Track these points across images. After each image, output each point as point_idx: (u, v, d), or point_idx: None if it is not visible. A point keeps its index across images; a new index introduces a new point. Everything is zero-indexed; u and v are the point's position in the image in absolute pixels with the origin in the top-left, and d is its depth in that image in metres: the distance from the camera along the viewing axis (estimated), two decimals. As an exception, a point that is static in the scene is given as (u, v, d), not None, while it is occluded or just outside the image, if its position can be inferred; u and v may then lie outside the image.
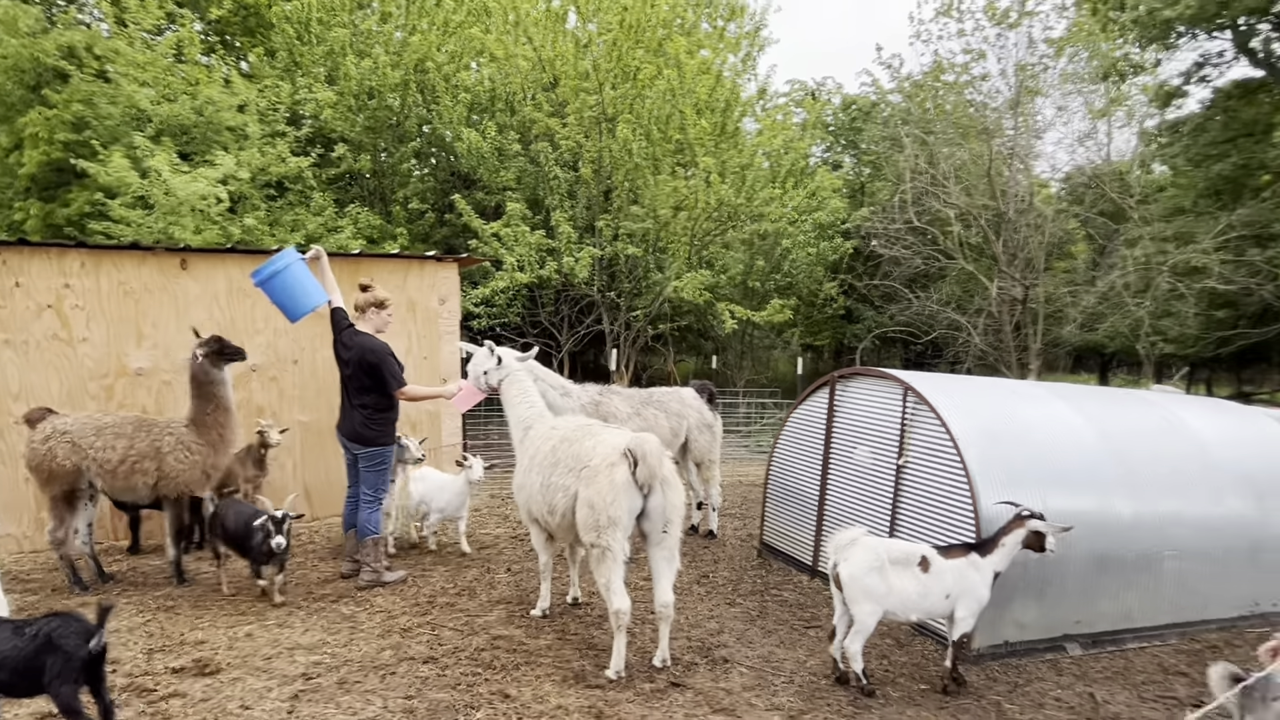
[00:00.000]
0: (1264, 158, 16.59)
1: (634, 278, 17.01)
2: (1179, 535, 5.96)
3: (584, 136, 16.17)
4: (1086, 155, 25.31)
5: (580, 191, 17.09)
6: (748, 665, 5.02)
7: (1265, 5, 16.37)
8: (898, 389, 5.92)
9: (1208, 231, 16.66)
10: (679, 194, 15.29)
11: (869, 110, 27.59)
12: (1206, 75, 18.68)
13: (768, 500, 7.47)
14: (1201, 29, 17.23)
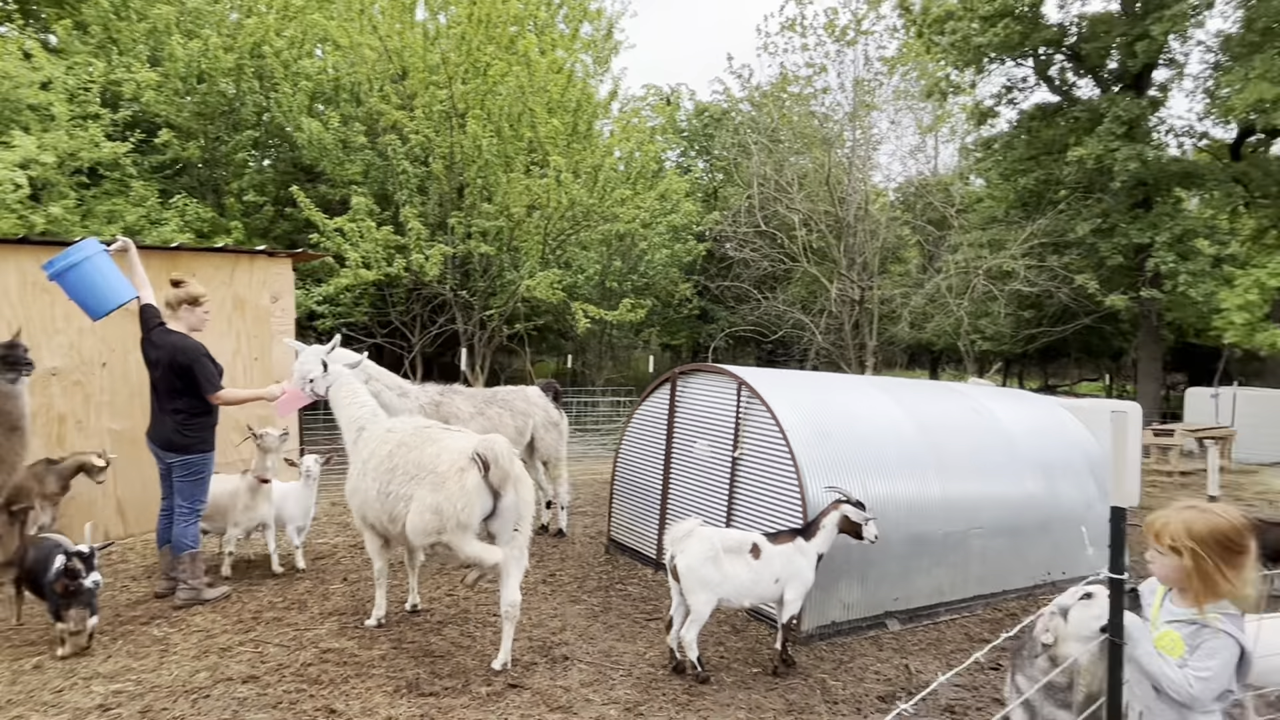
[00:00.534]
0: (1060, 174, 18.52)
1: (488, 276, 16.73)
2: (984, 515, 6.53)
3: (434, 131, 15.73)
4: (917, 167, 27.47)
5: (432, 188, 16.61)
6: (588, 661, 5.04)
7: (1059, 38, 18.31)
8: (733, 384, 6.14)
9: (1016, 239, 18.42)
10: (532, 193, 15.17)
11: (720, 117, 28.55)
12: (1014, 98, 20.67)
13: (614, 496, 7.55)
14: (1008, 56, 19.03)
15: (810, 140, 22.85)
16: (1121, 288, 17.93)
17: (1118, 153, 16.23)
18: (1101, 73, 19.10)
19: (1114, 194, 17.61)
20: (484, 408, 7.51)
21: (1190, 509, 2.59)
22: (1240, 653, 2.44)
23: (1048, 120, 19.77)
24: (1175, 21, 15.92)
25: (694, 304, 26.63)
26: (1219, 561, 2.44)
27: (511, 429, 7.61)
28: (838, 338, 21.29)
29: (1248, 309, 14.59)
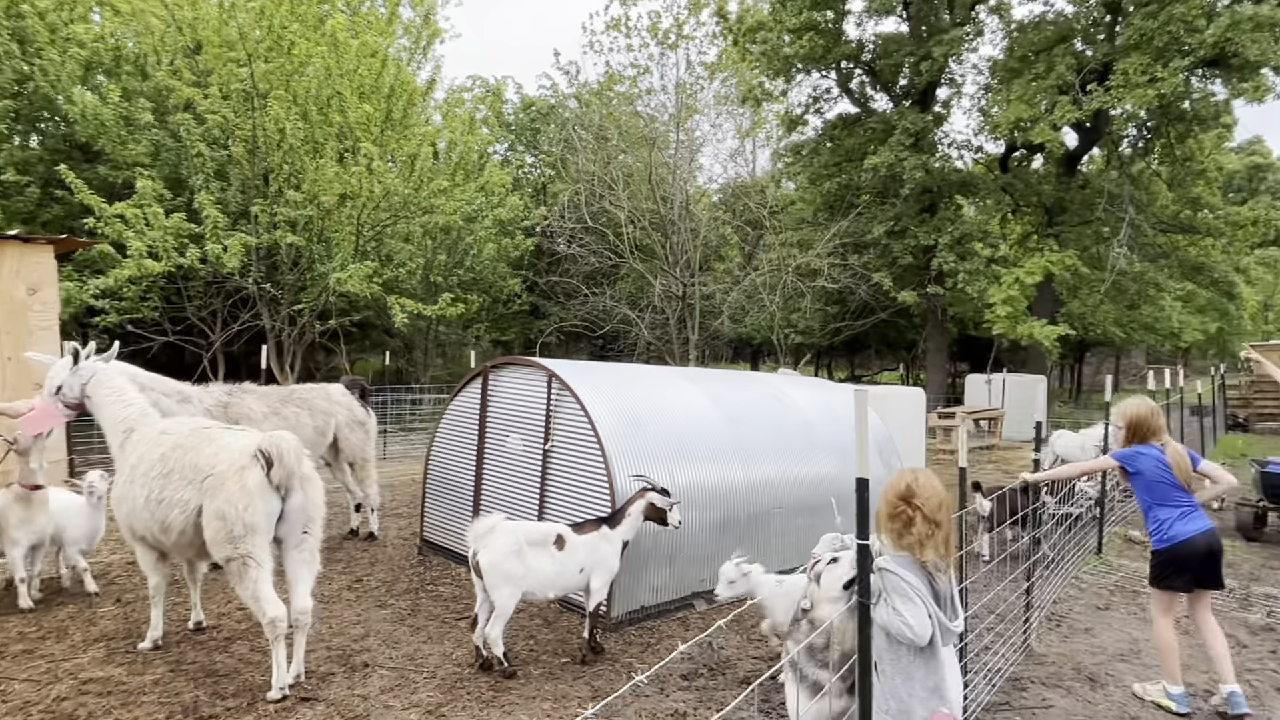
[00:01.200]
0: (859, 180, 20.09)
1: (297, 269, 15.70)
2: (784, 495, 6.95)
3: (233, 112, 14.54)
4: (736, 170, 28.78)
5: (233, 173, 15.35)
6: (390, 666, 4.86)
7: (857, 54, 19.83)
8: (544, 377, 6.14)
9: (822, 240, 19.77)
10: (343, 181, 14.39)
11: (547, 112, 28.48)
12: (820, 108, 22.16)
13: (426, 495, 7.33)
14: (814, 68, 20.37)
15: (636, 139, 23.31)
16: (912, 285, 19.73)
17: (906, 162, 17.83)
18: (894, 88, 20.90)
19: (904, 199, 19.33)
20: (279, 407, 7.04)
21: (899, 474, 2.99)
22: (929, 590, 2.80)
23: (849, 129, 21.36)
24: (952, 45, 17.70)
25: (524, 299, 26.41)
26: (882, 516, 2.92)
27: (311, 429, 7.20)
28: (663, 332, 21.91)
29: (1011, 303, 16.54)
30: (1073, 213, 19.38)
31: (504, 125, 29.31)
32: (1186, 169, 19.42)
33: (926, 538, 2.85)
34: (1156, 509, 4.56)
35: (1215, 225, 19.52)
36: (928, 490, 2.94)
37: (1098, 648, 5.58)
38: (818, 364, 33.42)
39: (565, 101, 27.97)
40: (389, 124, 15.71)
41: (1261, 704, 4.65)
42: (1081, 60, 17.04)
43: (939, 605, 2.86)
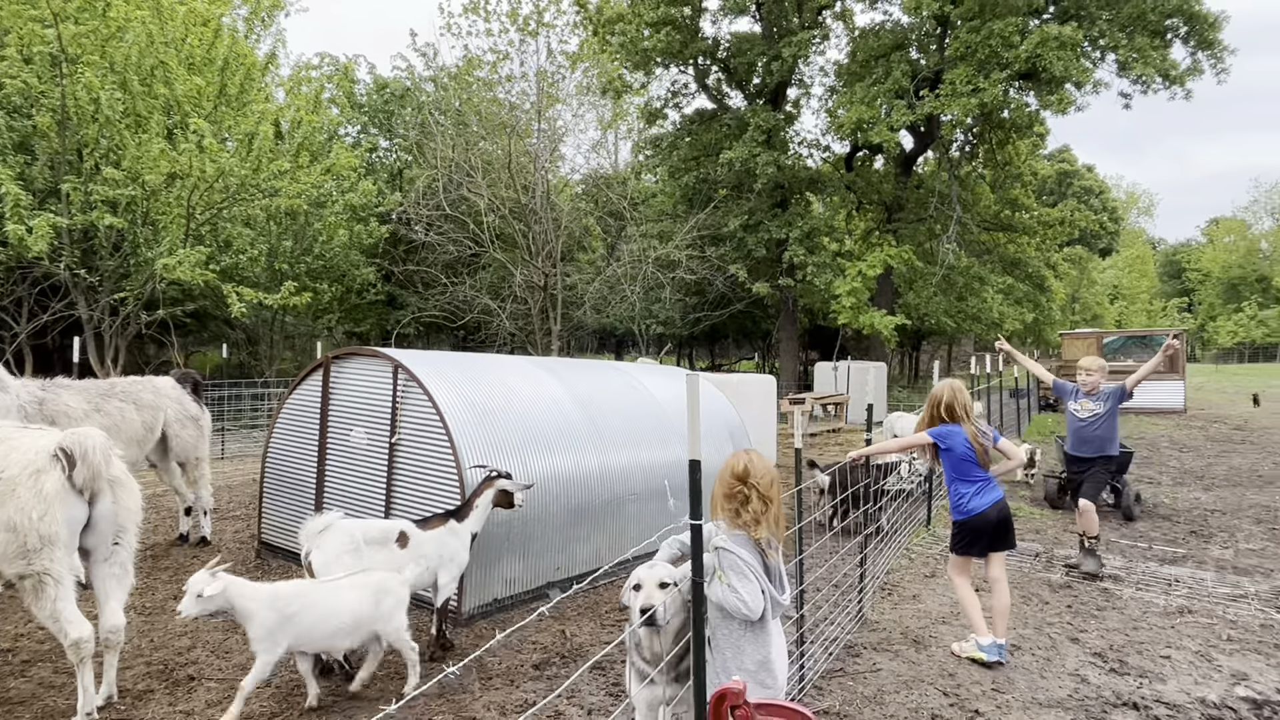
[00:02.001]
0: (715, 174, 20.68)
1: (119, 254, 14.34)
2: (638, 481, 7.05)
3: (37, 78, 13.05)
4: (599, 161, 28.84)
5: (39, 146, 13.80)
6: (219, 679, 4.55)
7: (713, 50, 20.35)
8: (389, 367, 5.92)
9: (681, 232, 20.21)
10: (170, 159, 13.25)
11: (403, 95, 27.41)
12: (679, 102, 22.60)
13: (265, 495, 6.91)
14: (672, 62, 20.73)
15: (496, 126, 22.88)
16: (765, 277, 20.54)
17: (759, 158, 18.51)
18: (748, 86, 21.62)
19: (758, 194, 20.07)
20: (101, 403, 6.42)
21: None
22: (761, 566, 2.92)
23: (706, 125, 21.92)
24: (800, 47, 18.52)
25: (379, 289, 25.36)
26: (719, 497, 3.08)
27: (138, 425, 6.64)
28: (526, 323, 21.70)
29: (854, 295, 17.57)
30: (909, 210, 20.80)
31: (356, 106, 27.95)
32: (1006, 173, 21.31)
33: (761, 514, 2.98)
34: (957, 483, 5.00)
35: (1030, 225, 21.54)
36: (761, 470, 3.07)
37: (923, 613, 6.03)
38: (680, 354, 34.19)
39: (422, 85, 27.00)
40: (224, 99, 14.59)
41: (1056, 650, 5.19)
42: (916, 68, 18.29)
43: (770, 580, 3.00)
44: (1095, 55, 17.52)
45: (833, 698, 4.41)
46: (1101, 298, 51.92)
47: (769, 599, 2.98)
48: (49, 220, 12.32)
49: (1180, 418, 19.55)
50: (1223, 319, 63.15)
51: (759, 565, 2.99)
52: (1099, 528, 6.62)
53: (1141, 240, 74.48)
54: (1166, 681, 4.68)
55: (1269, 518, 9.00)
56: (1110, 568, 7.04)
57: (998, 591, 5.08)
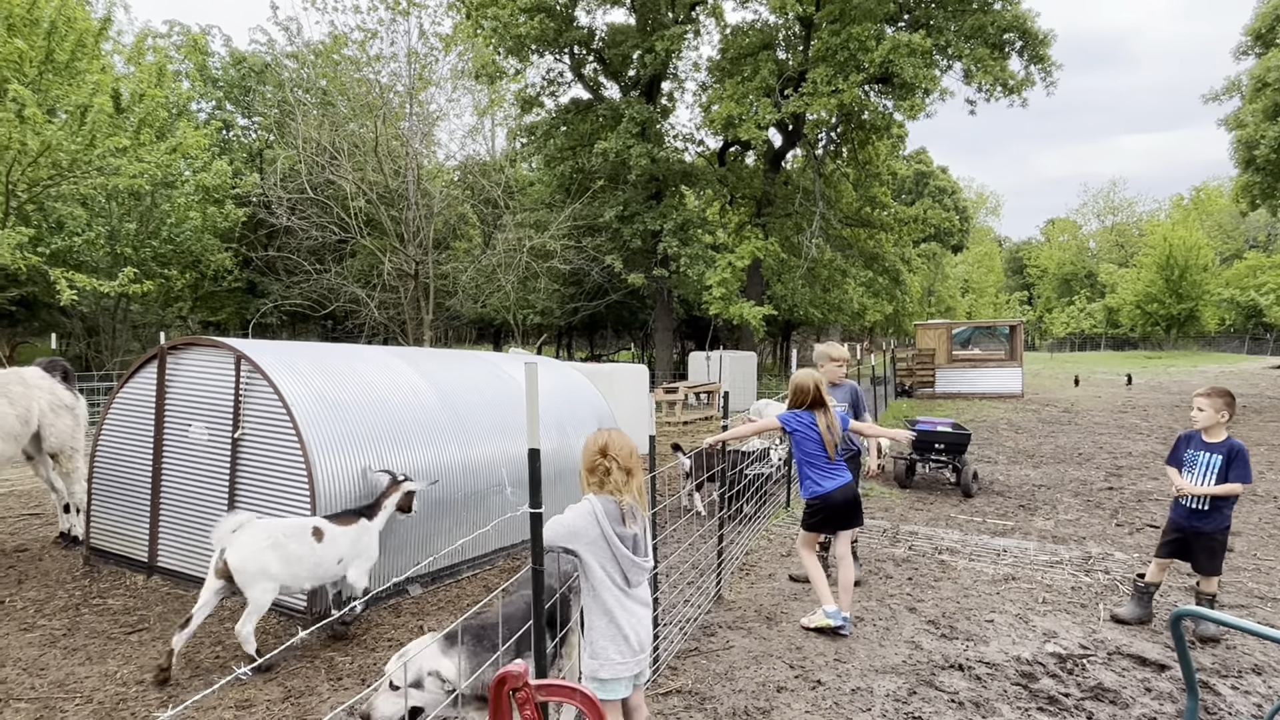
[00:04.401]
0: (590, 165, 20.71)
1: (-77, 235, 12.81)
2: (504, 473, 7.00)
3: None
4: (475, 148, 28.20)
5: None
6: (32, 698, 4.19)
7: (588, 40, 20.32)
8: (231, 358, 5.60)
9: (557, 221, 20.13)
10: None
11: (263, 70, 25.84)
12: (554, 91, 22.44)
13: (94, 497, 6.39)
14: (546, 50, 20.56)
15: (365, 107, 21.92)
16: (641, 268, 20.77)
17: (633, 150, 18.68)
18: (623, 78, 21.74)
19: (633, 186, 20.26)
20: None
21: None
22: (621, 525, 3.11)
23: (582, 114, 21.89)
24: (673, 41, 18.79)
25: (237, 276, 23.86)
26: (584, 472, 3.23)
27: (13, 419, 6.28)
28: (397, 312, 20.99)
29: (724, 286, 18.06)
30: (777, 205, 21.55)
31: (209, 80, 26.10)
32: (867, 172, 22.46)
33: (623, 484, 3.12)
34: (805, 466, 5.26)
35: (888, 221, 22.80)
36: (619, 443, 3.21)
37: (777, 590, 6.31)
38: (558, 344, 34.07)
39: (283, 61, 25.52)
40: (50, 66, 13.29)
41: (895, 620, 5.55)
42: (782, 66, 18.95)
43: (628, 546, 3.09)
44: (943, 63, 18.73)
45: (686, 676, 4.56)
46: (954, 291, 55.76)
47: (626, 562, 3.08)
48: None
49: (1018, 401, 21.28)
50: (1057, 311, 69.12)
51: (613, 515, 3.09)
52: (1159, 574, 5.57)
53: (989, 238, 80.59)
54: (989, 643, 5.10)
55: (1085, 491, 9.96)
56: (947, 541, 7.60)
57: (843, 568, 5.39)
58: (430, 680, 3.05)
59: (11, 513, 8.42)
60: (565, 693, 1.84)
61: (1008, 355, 23.70)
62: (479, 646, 3.25)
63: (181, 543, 5.89)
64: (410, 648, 3.08)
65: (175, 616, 5.31)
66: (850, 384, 6.39)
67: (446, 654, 3.11)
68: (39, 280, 15.68)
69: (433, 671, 3.06)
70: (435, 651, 3.08)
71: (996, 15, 17.75)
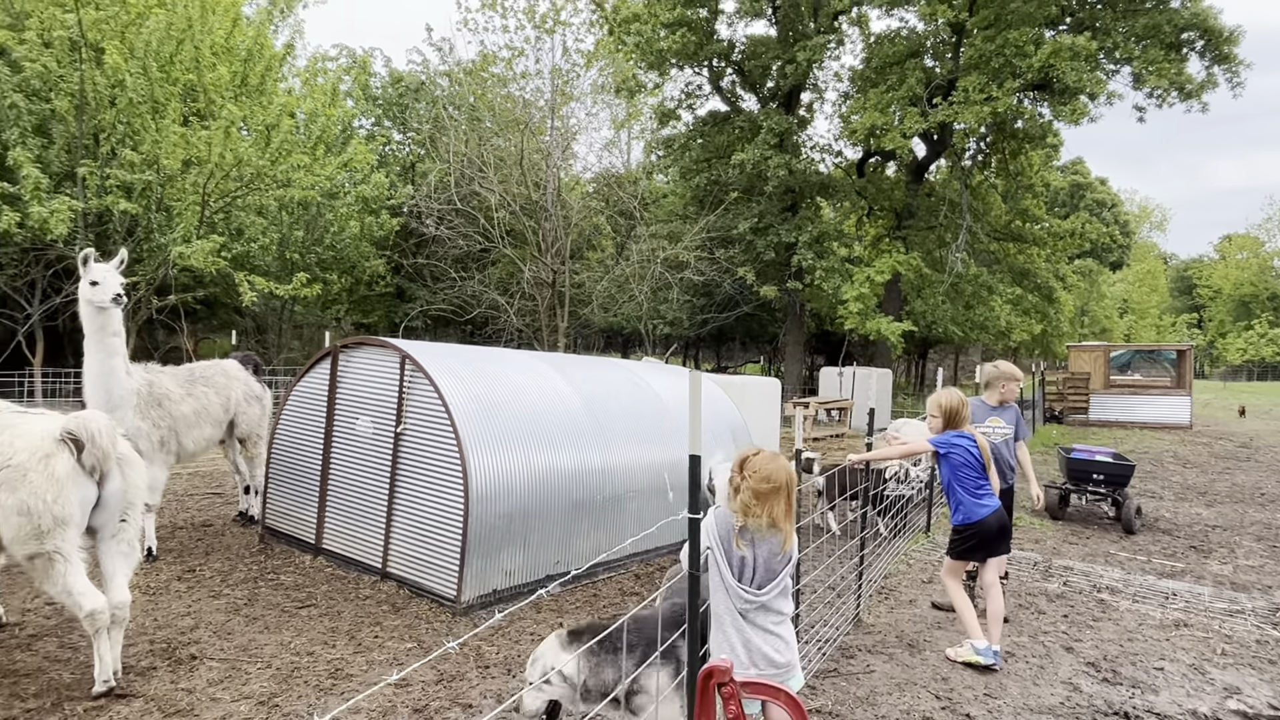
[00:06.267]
0: (726, 176, 20.71)
1: (133, 239, 14.46)
2: (640, 479, 7.10)
3: (56, 62, 13.17)
4: (611, 160, 28.87)
5: (56, 129, 13.93)
6: (220, 659, 4.62)
7: (728, 53, 20.37)
8: (396, 358, 5.99)
9: (690, 233, 20.26)
10: (189, 146, 13.36)
11: (418, 89, 27.52)
12: (692, 104, 22.63)
13: (271, 481, 6.98)
14: (686, 63, 20.77)
15: (510, 123, 22.95)
16: (774, 280, 20.55)
17: (771, 161, 18.54)
18: (761, 89, 21.65)
19: (768, 197, 20.09)
20: (190, 388, 6.79)
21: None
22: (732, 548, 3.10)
23: (719, 126, 21.95)
24: (815, 52, 18.53)
25: (389, 281, 25.48)
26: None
27: (218, 407, 7.00)
28: (533, 319, 21.77)
29: (862, 300, 17.58)
30: (919, 218, 20.78)
31: (370, 99, 28.08)
32: (1018, 183, 21.27)
33: (749, 506, 3.05)
34: (958, 490, 5.03)
35: (1040, 236, 21.49)
36: (758, 465, 3.11)
37: (919, 617, 6.06)
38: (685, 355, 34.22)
39: (437, 79, 27.11)
40: (244, 89, 14.71)
41: (1050, 658, 5.21)
42: (930, 75, 18.28)
43: (733, 567, 3.09)
44: (1110, 67, 17.49)
45: (825, 697, 4.46)
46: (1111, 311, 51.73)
47: (728, 588, 3.08)
48: (66, 203, 12.45)
49: (1185, 433, 19.49)
50: (1232, 336, 62.77)
51: (726, 538, 3.10)
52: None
53: (1153, 255, 74.18)
54: (1159, 693, 4.70)
55: (1270, 535, 8.99)
56: (1107, 579, 7.06)
57: (992, 597, 5.12)
58: (555, 677, 3.25)
59: (198, 490, 9.34)
60: (770, 692, 1.85)
61: (1174, 382, 21.75)
62: (600, 647, 3.30)
63: (344, 528, 6.33)
64: (540, 649, 3.32)
65: (339, 596, 5.71)
66: (1014, 406, 6.09)
67: (567, 651, 3.30)
68: (220, 282, 17.32)
69: (557, 669, 3.26)
70: (558, 650, 3.30)
71: (1173, 14, 16.40)
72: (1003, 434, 5.86)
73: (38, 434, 3.95)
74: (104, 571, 4.16)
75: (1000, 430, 5.85)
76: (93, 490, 4.02)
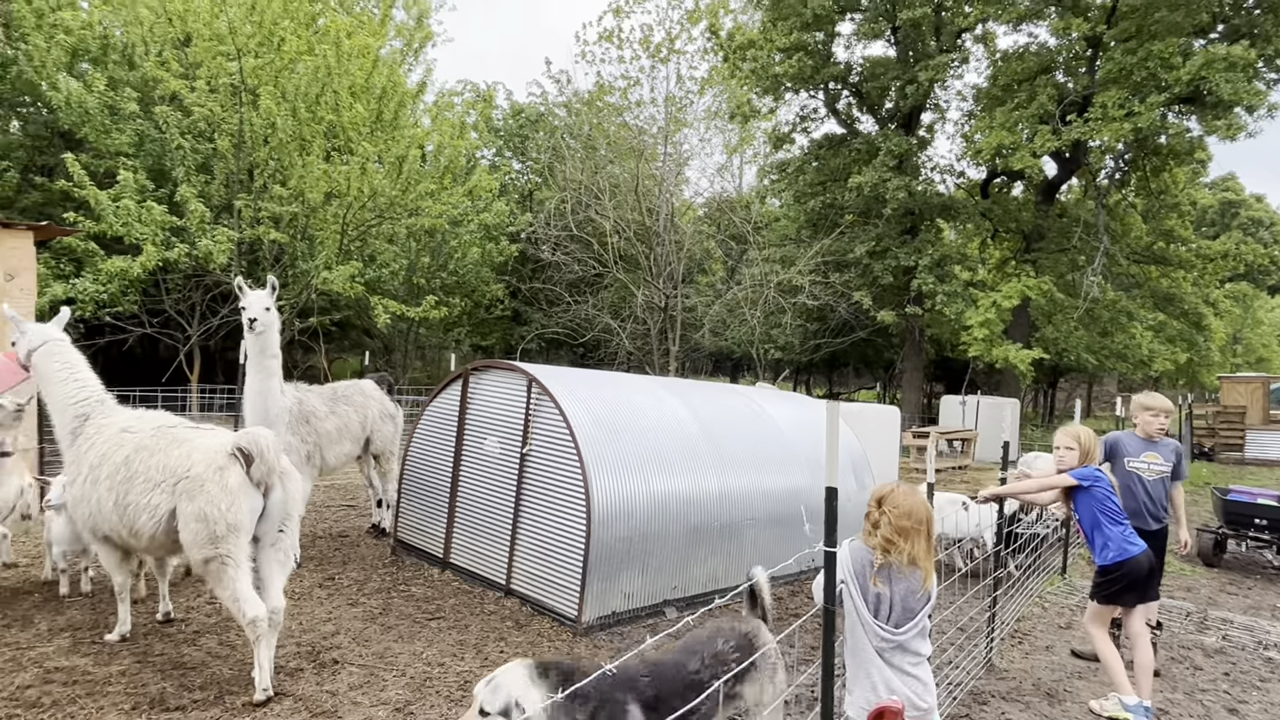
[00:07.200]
0: (843, 199, 20.36)
1: (279, 265, 15.65)
2: (757, 506, 7.03)
3: (220, 106, 14.50)
4: (723, 185, 28.98)
5: (217, 167, 15.30)
6: (360, 664, 4.87)
7: (845, 75, 20.12)
8: (524, 381, 6.19)
9: (804, 257, 20.00)
10: (331, 179, 14.38)
11: (537, 120, 28.58)
12: (807, 127, 22.45)
13: (402, 497, 7.34)
14: (802, 87, 20.64)
15: (624, 150, 23.44)
16: (891, 305, 19.98)
17: (890, 183, 18.11)
18: (879, 111, 21.23)
19: (886, 220, 19.61)
20: (333, 406, 7.29)
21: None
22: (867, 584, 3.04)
23: (834, 149, 21.65)
24: (938, 71, 18.03)
25: (506, 305, 26.42)
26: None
27: (357, 424, 7.45)
28: (644, 343, 22.00)
29: (987, 326, 16.81)
30: (1050, 240, 19.74)
31: (493, 131, 29.38)
32: (1161, 202, 19.87)
33: (891, 543, 2.98)
34: (1107, 528, 4.70)
35: (1187, 258, 19.97)
36: (899, 500, 3.05)
37: (1057, 665, 5.70)
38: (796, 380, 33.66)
39: (554, 109, 28.08)
40: (379, 125, 15.74)
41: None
42: (1062, 91, 17.42)
43: (869, 604, 3.01)
44: (1271, 76, 16.13)
45: (959, 745, 4.25)
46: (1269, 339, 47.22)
47: (867, 627, 3.00)
48: (226, 234, 13.62)
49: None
50: None
51: (861, 574, 3.03)
52: None
53: (1319, 277, 67.34)
54: (1344, 768, 4.23)
55: None
56: (1275, 636, 6.42)
57: (1140, 647, 4.75)
58: (516, 712, 2.75)
59: (334, 502, 9.92)
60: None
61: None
62: (569, 684, 2.84)
63: (471, 544, 6.57)
64: (499, 674, 2.81)
65: (466, 610, 5.92)
66: (1173, 442, 5.63)
67: (535, 685, 2.83)
68: (354, 305, 18.44)
69: (522, 706, 2.76)
70: (527, 684, 2.81)
71: (1345, 16, 15.01)
72: (1159, 471, 5.45)
73: (213, 448, 4.32)
74: (261, 577, 4.48)
75: (1156, 467, 5.45)
76: (259, 500, 4.35)
